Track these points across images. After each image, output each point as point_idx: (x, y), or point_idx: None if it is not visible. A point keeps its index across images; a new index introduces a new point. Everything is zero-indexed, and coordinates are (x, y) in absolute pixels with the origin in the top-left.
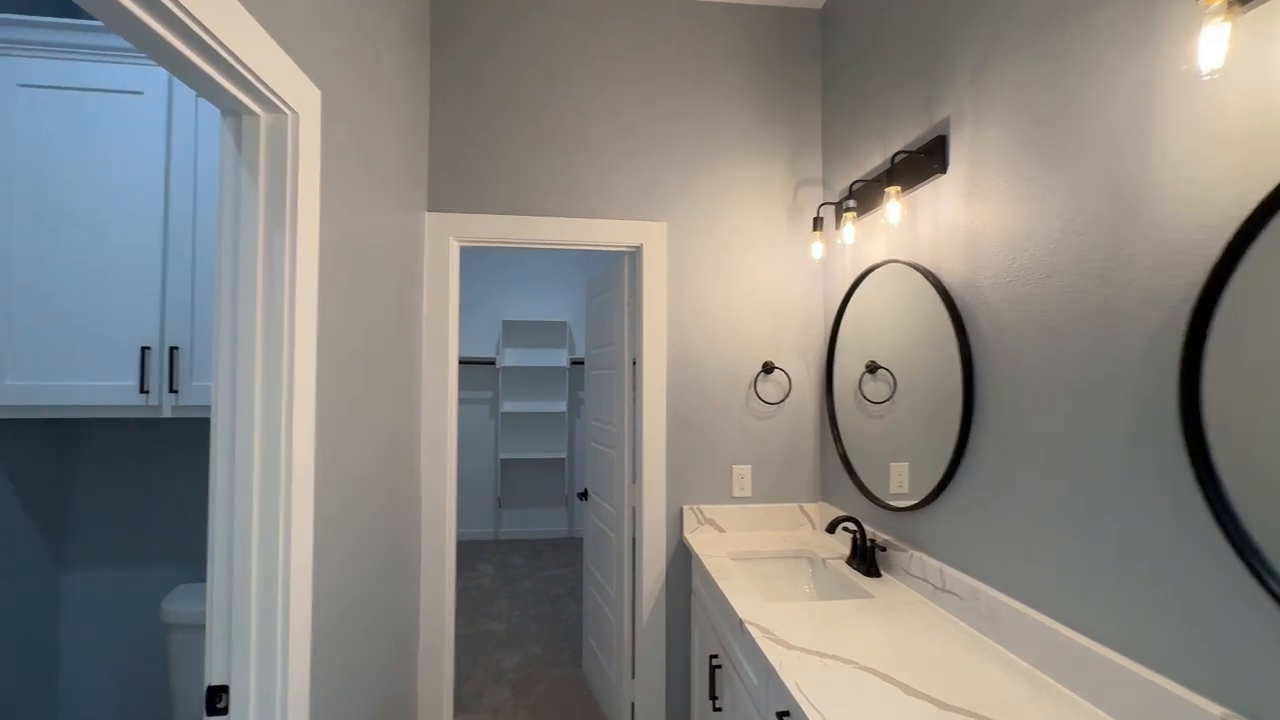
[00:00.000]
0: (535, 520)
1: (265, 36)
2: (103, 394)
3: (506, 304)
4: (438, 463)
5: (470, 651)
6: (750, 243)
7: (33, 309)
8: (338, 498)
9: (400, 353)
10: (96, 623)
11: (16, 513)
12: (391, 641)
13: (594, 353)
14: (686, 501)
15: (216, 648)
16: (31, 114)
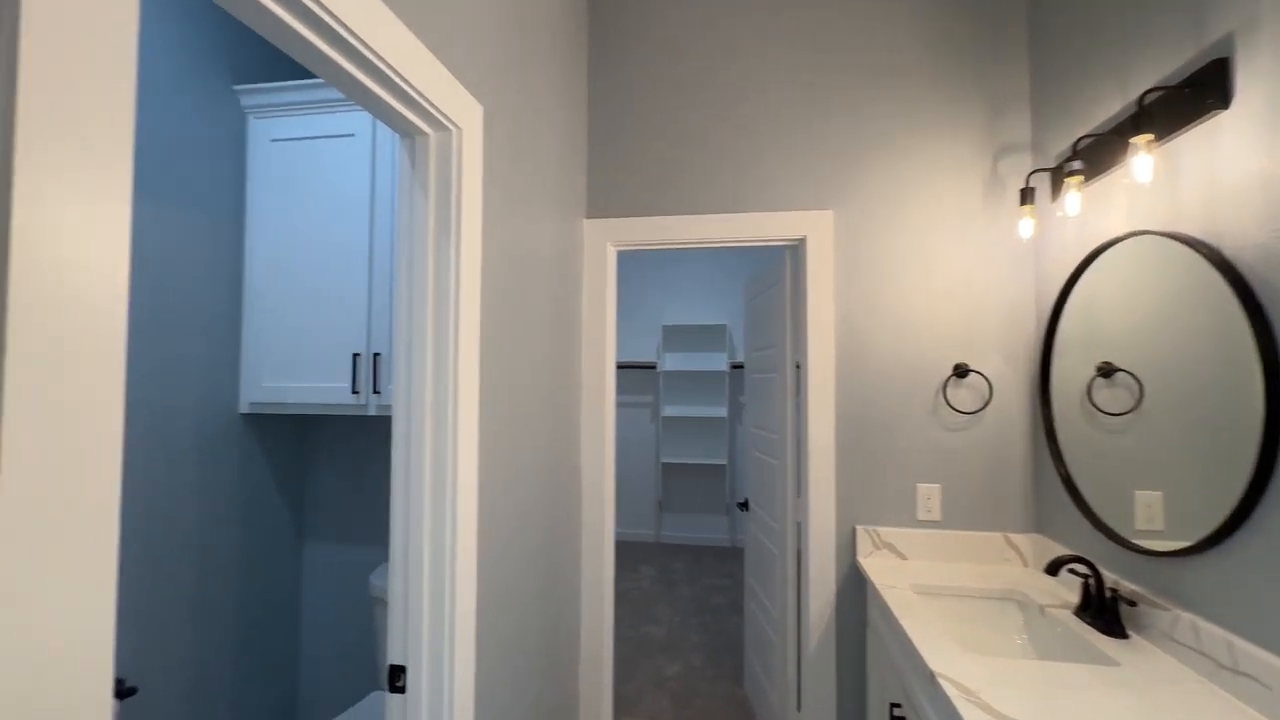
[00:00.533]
0: (696, 526)
1: (431, 59)
2: (326, 394)
3: (666, 308)
4: (596, 462)
5: (631, 655)
6: (935, 226)
7: (278, 326)
8: (499, 493)
9: (559, 356)
10: (325, 589)
11: (273, 490)
12: (552, 634)
13: (754, 355)
14: (860, 521)
15: (396, 632)
16: (280, 164)
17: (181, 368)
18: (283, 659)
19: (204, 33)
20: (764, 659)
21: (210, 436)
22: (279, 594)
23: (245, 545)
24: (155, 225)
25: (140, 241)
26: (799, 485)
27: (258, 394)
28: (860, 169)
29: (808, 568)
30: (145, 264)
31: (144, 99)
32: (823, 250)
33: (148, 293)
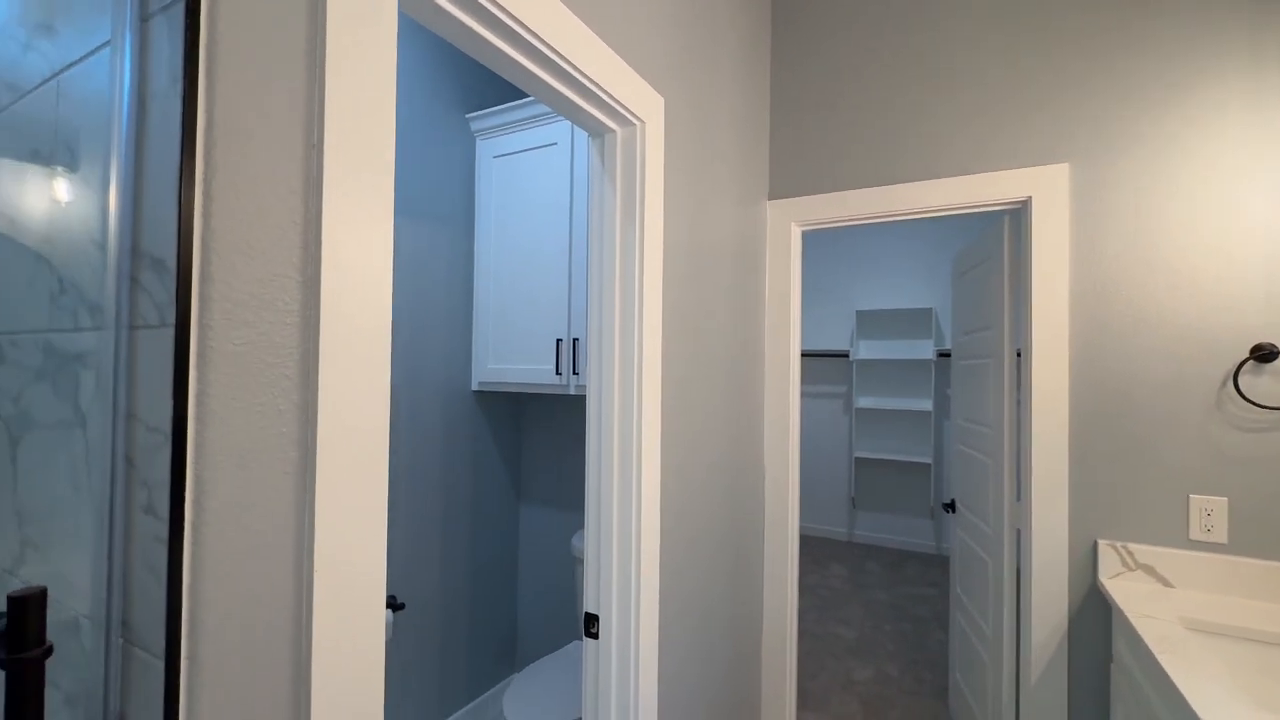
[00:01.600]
0: (895, 528)
1: (612, 56)
2: (535, 375)
3: (860, 292)
4: (780, 448)
5: (817, 652)
6: (1221, 174)
7: (499, 316)
8: (679, 471)
9: (741, 342)
10: (537, 547)
11: (496, 457)
12: (730, 604)
13: (962, 340)
14: (1105, 535)
15: (590, 583)
16: (500, 177)
17: (430, 353)
18: (505, 600)
19: (442, 71)
20: (972, 680)
21: (450, 411)
22: (502, 546)
23: (476, 503)
24: (410, 238)
25: (398, 251)
26: (1019, 487)
27: (484, 374)
28: (1107, 113)
29: (1030, 583)
30: (403, 269)
31: (401, 134)
32: (1053, 212)
33: (407, 294)
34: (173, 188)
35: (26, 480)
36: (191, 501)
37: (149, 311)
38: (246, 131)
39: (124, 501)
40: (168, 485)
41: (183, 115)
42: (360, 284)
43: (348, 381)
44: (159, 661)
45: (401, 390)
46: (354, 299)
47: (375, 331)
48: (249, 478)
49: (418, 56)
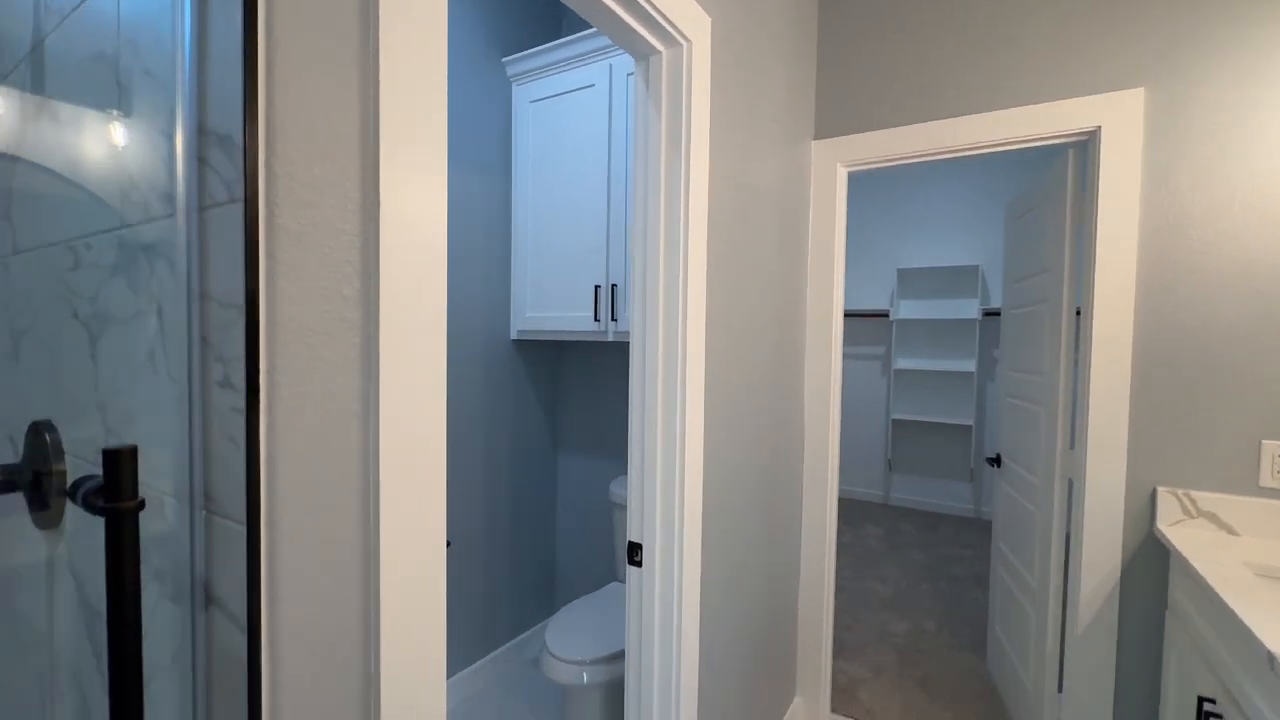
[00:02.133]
0: (932, 491)
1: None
2: (573, 322)
3: (901, 250)
4: (820, 390)
5: (852, 606)
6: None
7: (537, 263)
8: (722, 413)
9: (784, 286)
10: (574, 493)
11: (535, 405)
12: (769, 546)
13: (1015, 287)
14: (1165, 482)
15: (634, 514)
16: (536, 122)
17: (471, 302)
18: (545, 544)
19: (478, 15)
20: (1014, 633)
21: (491, 358)
22: (541, 493)
23: (515, 449)
24: (451, 186)
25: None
26: (1072, 435)
27: (523, 322)
28: (1189, 32)
29: (1080, 533)
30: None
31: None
32: (1125, 142)
33: (449, 242)
34: (238, 64)
35: (106, 374)
36: (265, 373)
37: (217, 189)
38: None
39: (201, 379)
40: (243, 359)
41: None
42: (419, 163)
43: (406, 271)
44: (241, 527)
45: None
46: (412, 243)
47: (432, 272)
48: (317, 355)
49: (452, 1)
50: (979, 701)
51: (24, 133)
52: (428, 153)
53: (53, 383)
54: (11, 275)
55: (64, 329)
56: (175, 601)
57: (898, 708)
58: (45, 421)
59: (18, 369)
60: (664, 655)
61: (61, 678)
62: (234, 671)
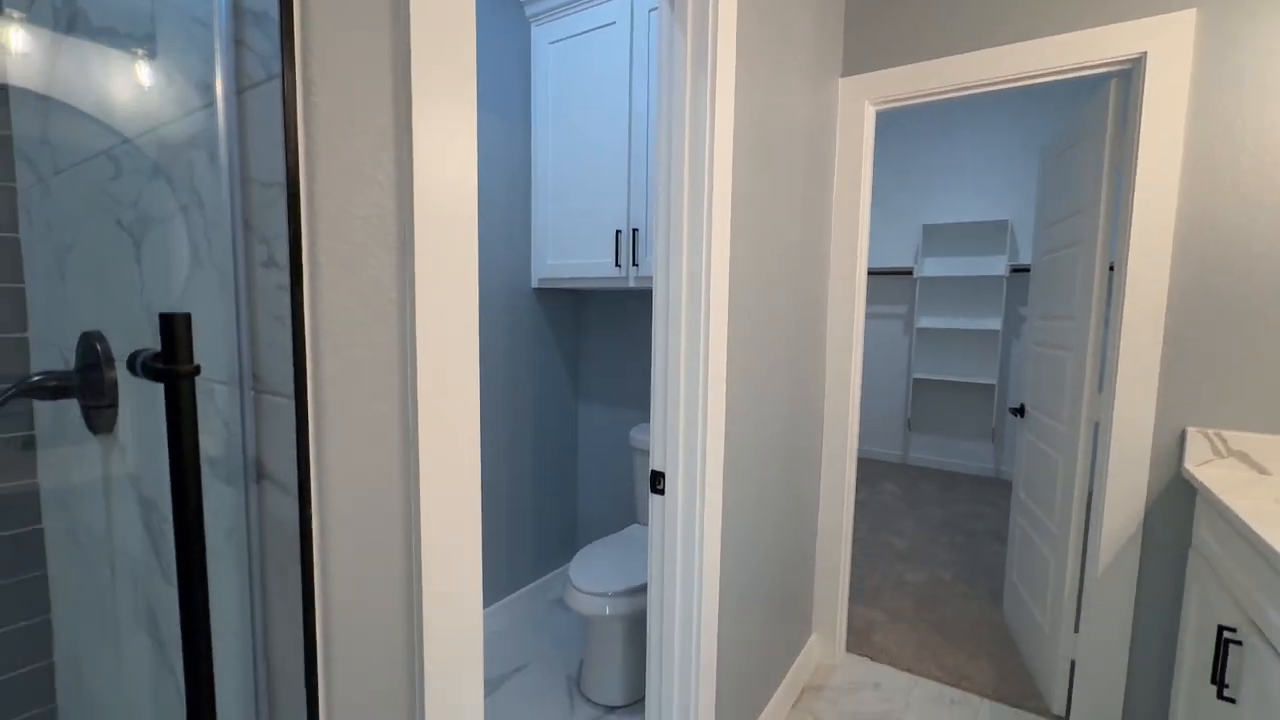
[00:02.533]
0: (952, 451)
1: None
2: (595, 269)
3: (927, 206)
4: (844, 336)
5: (869, 557)
6: None
7: (557, 210)
8: (745, 350)
9: (808, 227)
10: (595, 441)
11: (556, 355)
12: (791, 489)
13: (1048, 232)
14: (1195, 422)
15: (656, 443)
16: (556, 64)
17: (492, 251)
18: (567, 488)
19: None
20: (1031, 580)
21: (512, 309)
22: (563, 439)
23: (537, 398)
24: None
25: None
26: (1101, 379)
27: (544, 270)
28: None
29: (1105, 476)
30: None
31: None
32: (1172, 68)
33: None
34: None
35: (152, 277)
36: (307, 249)
37: (255, 68)
38: None
39: (245, 262)
40: (285, 236)
41: None
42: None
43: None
44: (289, 400)
45: None
46: (443, 188)
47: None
48: (354, 234)
49: None
50: (993, 644)
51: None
52: (457, 36)
53: (100, 295)
54: (53, 195)
55: (108, 239)
56: (229, 483)
57: (912, 647)
58: (95, 332)
59: (65, 285)
60: (686, 582)
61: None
62: (286, 539)
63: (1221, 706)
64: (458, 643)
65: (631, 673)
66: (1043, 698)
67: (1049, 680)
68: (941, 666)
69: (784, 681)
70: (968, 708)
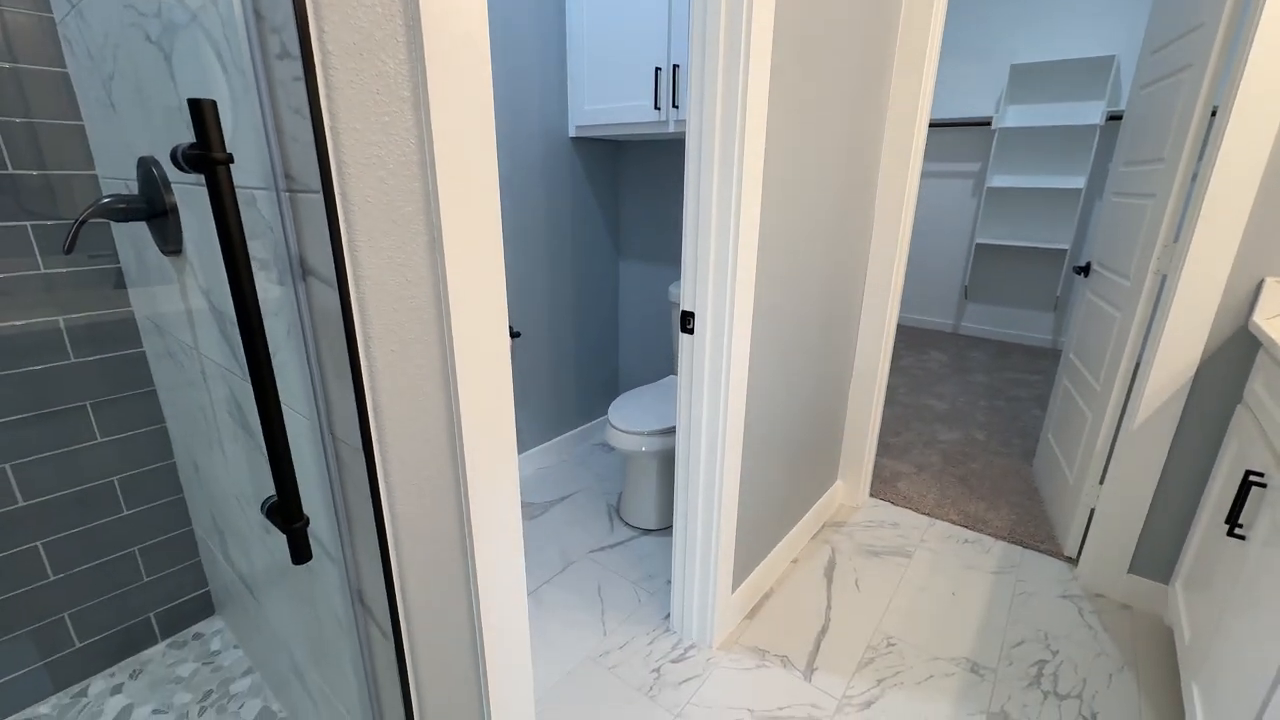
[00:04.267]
0: (1009, 321)
1: None
2: (633, 113)
3: (1018, 41)
4: (893, 207)
5: (905, 417)
6: None
7: (594, 49)
8: (780, 196)
9: (864, 77)
10: (636, 297)
11: (595, 207)
12: (824, 342)
13: (1153, 58)
14: (1276, 271)
15: (687, 284)
16: None
17: (526, 95)
18: (608, 340)
19: None
20: (1065, 436)
21: (550, 157)
22: (602, 292)
23: (577, 251)
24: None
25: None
26: (1179, 226)
27: (581, 117)
28: None
29: (1162, 328)
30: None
31: None
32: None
33: (495, 31)
34: None
35: (186, 88)
36: (316, 37)
37: None
38: None
39: (262, 57)
40: (293, 21)
41: None
42: None
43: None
44: (318, 195)
45: (501, 137)
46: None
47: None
48: (363, 27)
49: None
50: (1018, 495)
51: None
52: None
53: (148, 117)
54: (86, 22)
55: (142, 56)
56: (281, 284)
57: (934, 496)
58: (149, 157)
59: (116, 115)
60: (711, 421)
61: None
62: (334, 329)
63: (1230, 544)
64: (493, 406)
65: (664, 502)
66: (1056, 541)
67: (1066, 526)
68: (961, 512)
69: (805, 517)
70: (979, 546)
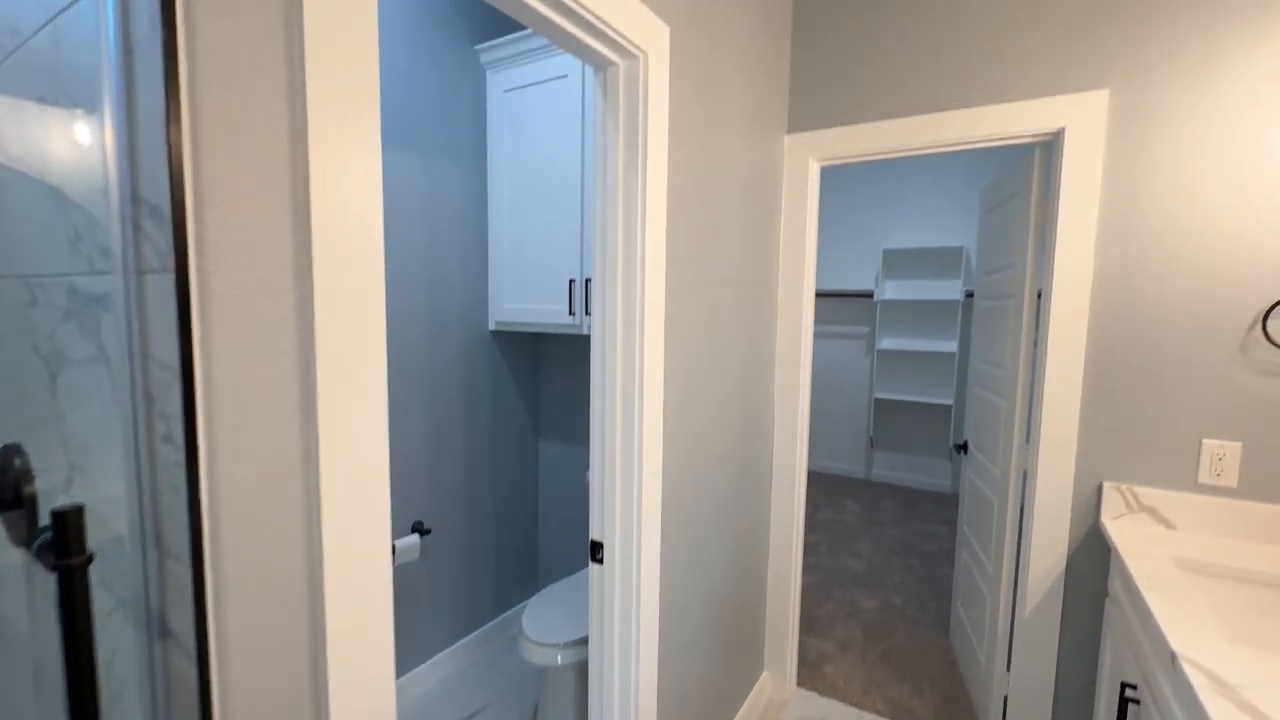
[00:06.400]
0: (912, 468)
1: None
2: (550, 315)
3: (889, 231)
4: (791, 389)
5: (825, 583)
6: (1262, 99)
7: (514, 255)
8: (684, 407)
9: (754, 282)
10: (556, 480)
11: (515, 396)
12: (738, 538)
13: (985, 279)
14: (1110, 477)
15: (595, 512)
16: (511, 112)
17: (448, 291)
18: (527, 526)
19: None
20: (972, 611)
21: (470, 349)
22: (523, 479)
23: (496, 439)
24: (420, 175)
25: (412, 187)
26: (1029, 430)
27: (501, 314)
28: (1156, 32)
29: (1031, 523)
30: (417, 206)
31: (408, 69)
32: (1087, 144)
33: (421, 234)
34: (162, 135)
35: (68, 410)
36: (204, 433)
37: (152, 257)
38: (228, 77)
39: (147, 432)
40: (181, 418)
41: (164, 63)
42: (351, 224)
43: (344, 322)
44: (187, 570)
45: (422, 330)
46: (346, 239)
47: (368, 273)
48: (255, 412)
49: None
50: (939, 675)
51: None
52: (364, 205)
53: (20, 408)
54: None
55: (26, 361)
56: (136, 629)
57: (860, 681)
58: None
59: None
60: (624, 649)
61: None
62: (189, 698)
63: None
64: None
65: (585, 717)
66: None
67: (986, 709)
68: (887, 700)
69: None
70: None
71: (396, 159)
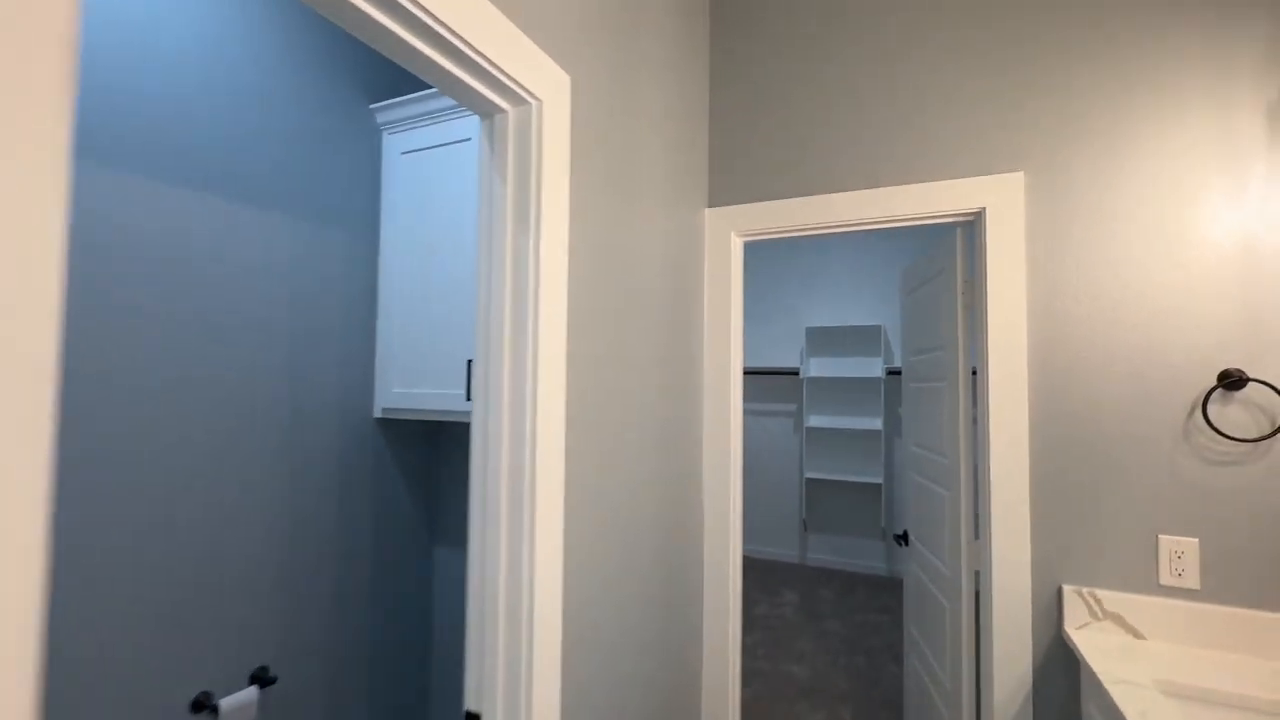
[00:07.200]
0: (847, 550)
1: (502, 19)
2: (445, 400)
3: (811, 309)
4: (720, 475)
5: (769, 696)
6: (1186, 180)
7: (406, 333)
8: (590, 512)
9: (675, 360)
10: (457, 590)
11: (405, 493)
12: (660, 690)
13: (912, 360)
14: (1070, 579)
15: (471, 678)
16: (408, 176)
17: (321, 374)
18: (416, 655)
19: (343, 57)
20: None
21: (348, 440)
22: (412, 592)
23: (380, 546)
24: (291, 239)
25: (273, 254)
26: (977, 525)
27: (389, 400)
28: (1065, 117)
29: (990, 633)
30: (281, 275)
31: (292, 120)
32: (1009, 223)
33: (285, 304)
34: None
35: None
36: None
37: None
38: None
39: None
40: None
41: None
42: None
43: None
44: None
45: (282, 418)
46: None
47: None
48: None
49: (314, 43)
50: None
51: None
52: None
53: None
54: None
55: None
56: None
57: None
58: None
59: None
60: None
61: None
62: None
63: None
64: None
65: None
66: None
67: None
68: None
69: None
70: None
71: (253, 218)
